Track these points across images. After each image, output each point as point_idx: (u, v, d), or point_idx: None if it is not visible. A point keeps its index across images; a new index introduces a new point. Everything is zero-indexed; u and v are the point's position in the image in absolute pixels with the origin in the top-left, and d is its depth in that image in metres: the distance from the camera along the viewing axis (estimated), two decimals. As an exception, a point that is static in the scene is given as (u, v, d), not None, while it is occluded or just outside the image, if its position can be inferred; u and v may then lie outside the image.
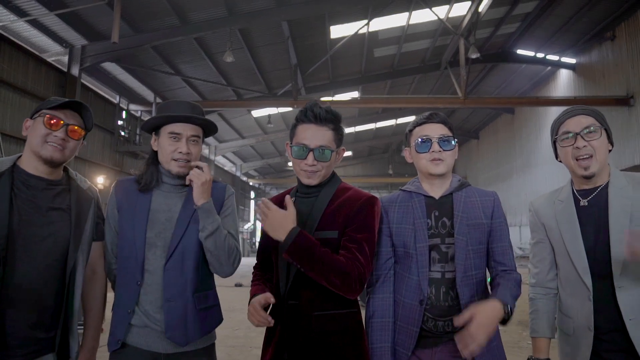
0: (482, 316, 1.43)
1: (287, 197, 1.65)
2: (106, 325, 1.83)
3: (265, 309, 1.62)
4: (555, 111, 18.95)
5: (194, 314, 1.71)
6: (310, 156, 1.64)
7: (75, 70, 11.32)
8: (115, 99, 14.29)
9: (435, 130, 1.74)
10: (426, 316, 1.65)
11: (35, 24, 10.16)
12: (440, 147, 1.72)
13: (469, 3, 13.01)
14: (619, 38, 15.25)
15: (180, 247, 1.71)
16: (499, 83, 19.95)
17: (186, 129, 1.74)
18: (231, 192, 1.92)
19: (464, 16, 13.54)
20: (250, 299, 1.66)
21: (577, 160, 1.64)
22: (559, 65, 17.83)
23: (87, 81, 12.83)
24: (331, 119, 1.69)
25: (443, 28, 14.13)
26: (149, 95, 14.99)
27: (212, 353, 1.82)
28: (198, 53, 12.78)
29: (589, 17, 14.68)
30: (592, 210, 1.63)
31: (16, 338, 1.49)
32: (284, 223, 1.53)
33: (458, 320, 1.46)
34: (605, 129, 1.65)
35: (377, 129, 24.91)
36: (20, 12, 9.58)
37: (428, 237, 1.69)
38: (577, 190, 1.71)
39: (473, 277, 1.66)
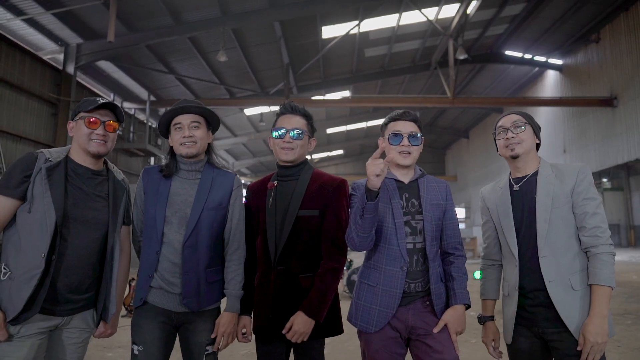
0: (454, 323, 1.94)
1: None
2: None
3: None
4: (542, 111, 19.32)
5: (205, 285, 2.04)
6: (287, 135, 2.09)
7: (70, 69, 11.50)
8: (109, 96, 14.44)
9: (407, 127, 2.05)
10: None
11: (32, 22, 10.32)
12: (410, 142, 2.03)
13: (458, 5, 13.32)
14: (604, 40, 15.65)
15: (196, 230, 2.03)
16: (487, 83, 20.31)
17: (185, 118, 2.09)
18: (239, 183, 2.22)
19: (453, 17, 13.86)
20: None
21: (506, 146, 2.01)
22: (546, 66, 18.23)
23: (82, 79, 13.00)
24: (304, 113, 2.17)
25: (432, 29, 14.44)
26: (142, 93, 15.17)
27: (216, 315, 2.12)
28: (192, 52, 13.00)
29: (575, 19, 15.06)
30: (523, 194, 2.00)
31: (63, 296, 1.84)
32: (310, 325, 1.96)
33: (436, 329, 1.92)
34: (531, 126, 2.02)
35: (368, 127, 25.23)
36: (16, 11, 9.74)
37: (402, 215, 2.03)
38: (512, 178, 2.07)
39: (435, 245, 2.04)
